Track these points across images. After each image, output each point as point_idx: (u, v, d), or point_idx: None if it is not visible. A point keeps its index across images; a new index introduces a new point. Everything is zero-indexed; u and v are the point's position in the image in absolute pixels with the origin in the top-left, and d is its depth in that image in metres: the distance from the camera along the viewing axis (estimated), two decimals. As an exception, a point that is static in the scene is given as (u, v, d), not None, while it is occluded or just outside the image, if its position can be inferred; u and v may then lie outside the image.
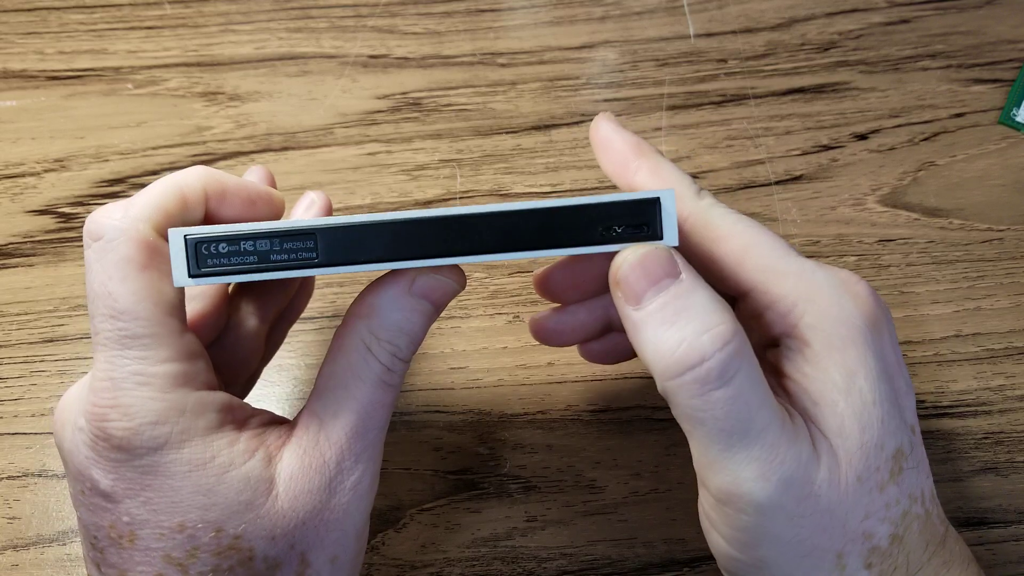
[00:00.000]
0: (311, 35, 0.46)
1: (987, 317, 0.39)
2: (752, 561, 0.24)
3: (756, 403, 0.22)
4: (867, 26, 0.46)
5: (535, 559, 0.34)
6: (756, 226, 0.26)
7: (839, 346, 0.24)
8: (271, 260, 0.23)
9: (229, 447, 0.23)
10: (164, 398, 0.23)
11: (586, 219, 0.23)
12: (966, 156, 0.43)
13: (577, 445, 0.36)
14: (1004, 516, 0.35)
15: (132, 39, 0.46)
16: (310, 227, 0.22)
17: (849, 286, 0.25)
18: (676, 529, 0.35)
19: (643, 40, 0.46)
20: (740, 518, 0.23)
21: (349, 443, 0.24)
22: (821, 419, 0.24)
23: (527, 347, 0.38)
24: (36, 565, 0.35)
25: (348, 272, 0.23)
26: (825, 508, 0.23)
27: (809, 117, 0.44)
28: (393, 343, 0.25)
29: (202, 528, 0.23)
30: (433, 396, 0.38)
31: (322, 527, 0.24)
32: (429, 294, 0.25)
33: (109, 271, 0.23)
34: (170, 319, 0.23)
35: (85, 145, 0.43)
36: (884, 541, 0.24)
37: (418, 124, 0.44)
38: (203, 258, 0.23)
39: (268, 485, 0.23)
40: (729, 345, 0.22)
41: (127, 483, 0.23)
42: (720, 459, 0.23)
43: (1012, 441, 0.37)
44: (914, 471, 0.25)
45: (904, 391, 0.25)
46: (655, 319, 0.23)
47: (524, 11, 0.47)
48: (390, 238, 0.23)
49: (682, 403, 0.23)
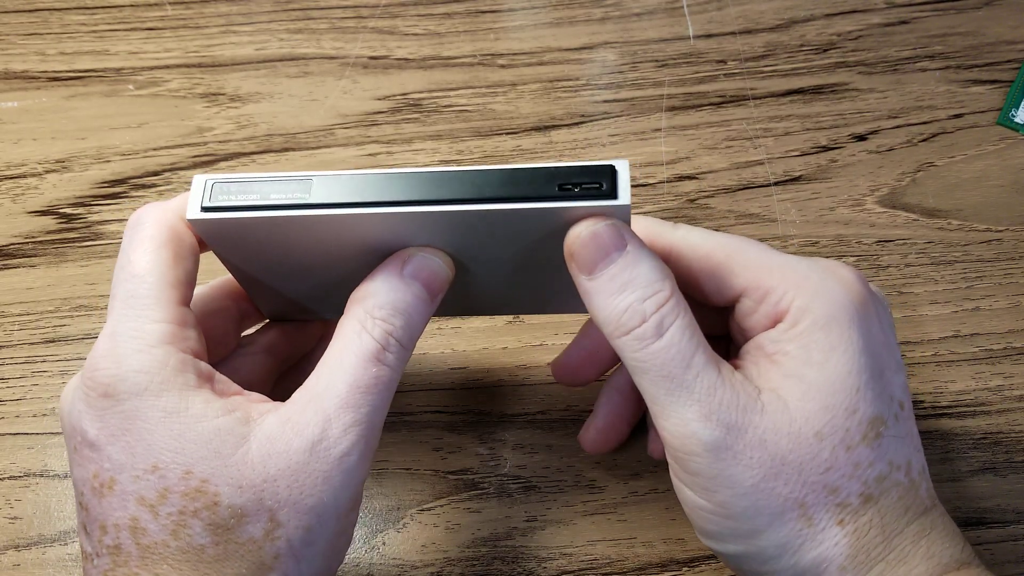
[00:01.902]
0: (312, 36, 0.46)
1: (985, 318, 0.39)
2: (716, 508, 0.26)
3: (690, 350, 0.25)
4: (866, 27, 0.46)
5: (535, 559, 0.34)
6: (736, 237, 0.29)
7: (823, 324, 0.26)
8: (271, 199, 0.25)
9: (204, 403, 0.25)
10: (151, 351, 0.25)
11: (546, 178, 0.25)
12: (965, 157, 0.43)
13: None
14: (1002, 516, 0.35)
15: (133, 40, 0.46)
16: (308, 175, 0.26)
17: (835, 271, 0.27)
18: (675, 529, 0.35)
19: (643, 41, 0.46)
20: (694, 460, 0.25)
21: (337, 412, 0.25)
22: (784, 388, 0.26)
23: (527, 347, 0.39)
24: (38, 565, 0.35)
25: (336, 213, 0.25)
26: (774, 453, 0.25)
27: (808, 118, 0.44)
28: (388, 320, 0.26)
29: (173, 469, 0.24)
30: (433, 396, 0.38)
31: (296, 488, 0.24)
32: (419, 274, 0.27)
33: (135, 244, 0.26)
34: (171, 289, 0.26)
35: (86, 146, 0.43)
36: (854, 499, 0.25)
37: (418, 125, 0.44)
38: (215, 195, 0.26)
39: (240, 439, 0.25)
40: (665, 306, 0.25)
41: (111, 430, 0.25)
42: (667, 403, 0.25)
43: (1010, 441, 0.37)
44: (897, 440, 0.26)
45: (893, 368, 0.27)
46: (606, 288, 0.25)
47: (524, 12, 0.47)
48: (373, 188, 0.25)
49: (628, 356, 0.26)
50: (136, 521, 0.24)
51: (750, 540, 0.26)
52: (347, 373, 0.25)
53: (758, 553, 0.26)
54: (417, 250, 0.27)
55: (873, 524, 0.25)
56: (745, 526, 0.26)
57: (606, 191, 0.25)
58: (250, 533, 0.24)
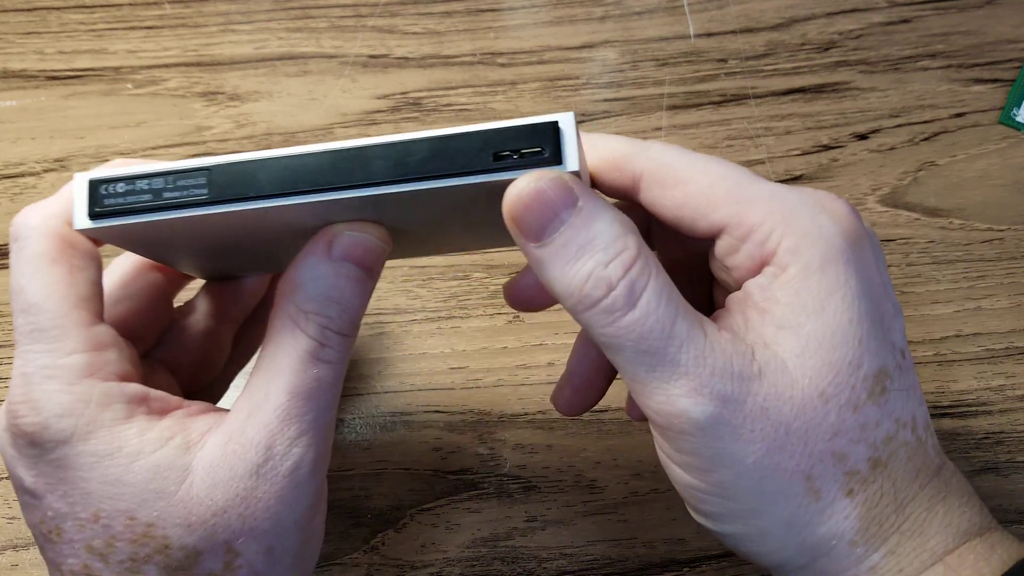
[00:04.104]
0: (311, 35, 0.46)
1: (988, 317, 0.39)
2: (713, 488, 0.23)
3: (669, 318, 0.22)
4: (867, 26, 0.46)
5: (535, 559, 0.34)
6: (717, 161, 0.24)
7: (817, 266, 0.23)
8: (164, 198, 0.22)
9: (139, 436, 0.23)
10: (70, 390, 0.23)
11: (479, 145, 0.22)
12: (966, 156, 0.43)
13: (577, 445, 0.36)
14: (1004, 516, 0.35)
15: (132, 39, 0.46)
16: (202, 165, 0.22)
17: (826, 204, 0.24)
18: (676, 529, 0.35)
19: (643, 40, 0.46)
20: (686, 440, 0.22)
21: (280, 425, 0.23)
22: (779, 343, 0.22)
23: (527, 347, 0.38)
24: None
25: (238, 208, 0.22)
26: (777, 422, 0.22)
27: (809, 117, 0.44)
28: (322, 313, 0.23)
29: (116, 517, 0.23)
30: (433, 396, 0.38)
31: (249, 516, 0.23)
32: (350, 254, 0.24)
33: (22, 267, 0.23)
34: (77, 311, 0.23)
35: (85, 145, 0.43)
36: (863, 465, 0.22)
37: (418, 124, 0.44)
38: (101, 199, 0.22)
39: (182, 473, 0.23)
40: (632, 268, 0.22)
41: (46, 478, 0.23)
42: (649, 381, 0.22)
43: (1012, 441, 0.37)
44: (902, 394, 0.23)
45: (891, 312, 0.24)
46: (560, 256, 0.22)
47: (524, 11, 0.47)
48: (279, 173, 0.22)
49: (597, 332, 0.22)
50: (89, 568, 0.23)
51: (751, 520, 0.23)
52: (285, 379, 0.23)
53: (760, 533, 0.23)
54: (344, 227, 0.24)
55: (884, 492, 0.23)
56: (746, 505, 0.23)
57: (548, 156, 0.21)
58: (209, 568, 0.23)
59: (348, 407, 0.38)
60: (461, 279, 0.40)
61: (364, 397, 0.38)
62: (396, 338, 0.39)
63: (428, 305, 0.40)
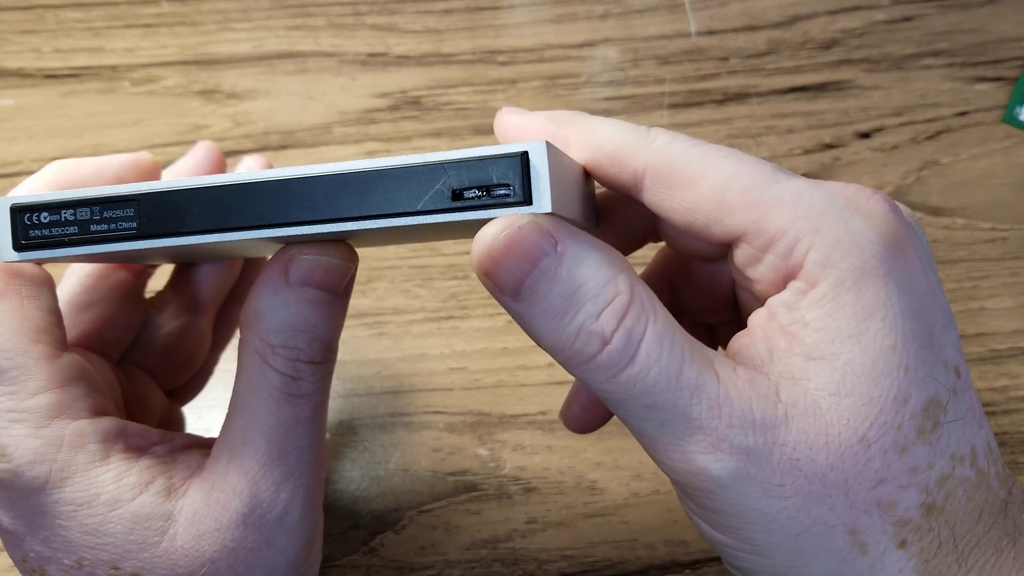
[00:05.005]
0: (309, 33, 0.45)
1: (991, 317, 0.39)
2: (744, 546, 0.21)
3: (674, 366, 0.19)
4: (870, 24, 0.46)
5: (535, 561, 0.34)
6: (731, 153, 0.21)
7: (852, 282, 0.20)
8: (91, 231, 0.20)
9: (116, 482, 0.22)
10: (39, 434, 0.21)
11: (434, 181, 0.19)
12: (969, 155, 0.43)
13: (578, 446, 0.36)
14: (1008, 518, 0.35)
15: (129, 37, 0.45)
16: (130, 193, 0.20)
17: (859, 203, 0.21)
18: (677, 531, 0.34)
19: (644, 38, 0.46)
20: (709, 498, 0.20)
21: (262, 471, 0.22)
22: (810, 377, 0.20)
23: (527, 347, 0.38)
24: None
25: (168, 245, 0.20)
26: (811, 473, 0.19)
27: (812, 116, 0.44)
28: (288, 345, 0.22)
29: (99, 566, 0.22)
30: (433, 396, 0.37)
31: (239, 565, 0.22)
32: (310, 279, 0.22)
33: None
34: (36, 346, 0.22)
35: (82, 144, 0.43)
36: (914, 512, 0.20)
37: (417, 123, 0.43)
38: (26, 230, 0.21)
39: (163, 523, 0.22)
40: (627, 316, 0.19)
41: (25, 521, 0.22)
42: (660, 437, 0.20)
43: (1015, 442, 0.36)
44: (958, 425, 0.20)
45: (942, 324, 0.21)
46: (543, 311, 0.19)
47: (524, 9, 0.46)
48: (213, 205, 0.20)
49: (595, 389, 0.20)
50: None
51: None
52: (261, 421, 0.22)
53: None
54: (301, 249, 0.22)
55: (942, 540, 0.20)
56: (784, 562, 0.20)
57: (516, 196, 0.18)
58: None
59: (347, 408, 0.38)
60: (461, 279, 0.40)
61: (363, 397, 0.38)
62: (395, 338, 0.39)
63: (428, 305, 0.39)
